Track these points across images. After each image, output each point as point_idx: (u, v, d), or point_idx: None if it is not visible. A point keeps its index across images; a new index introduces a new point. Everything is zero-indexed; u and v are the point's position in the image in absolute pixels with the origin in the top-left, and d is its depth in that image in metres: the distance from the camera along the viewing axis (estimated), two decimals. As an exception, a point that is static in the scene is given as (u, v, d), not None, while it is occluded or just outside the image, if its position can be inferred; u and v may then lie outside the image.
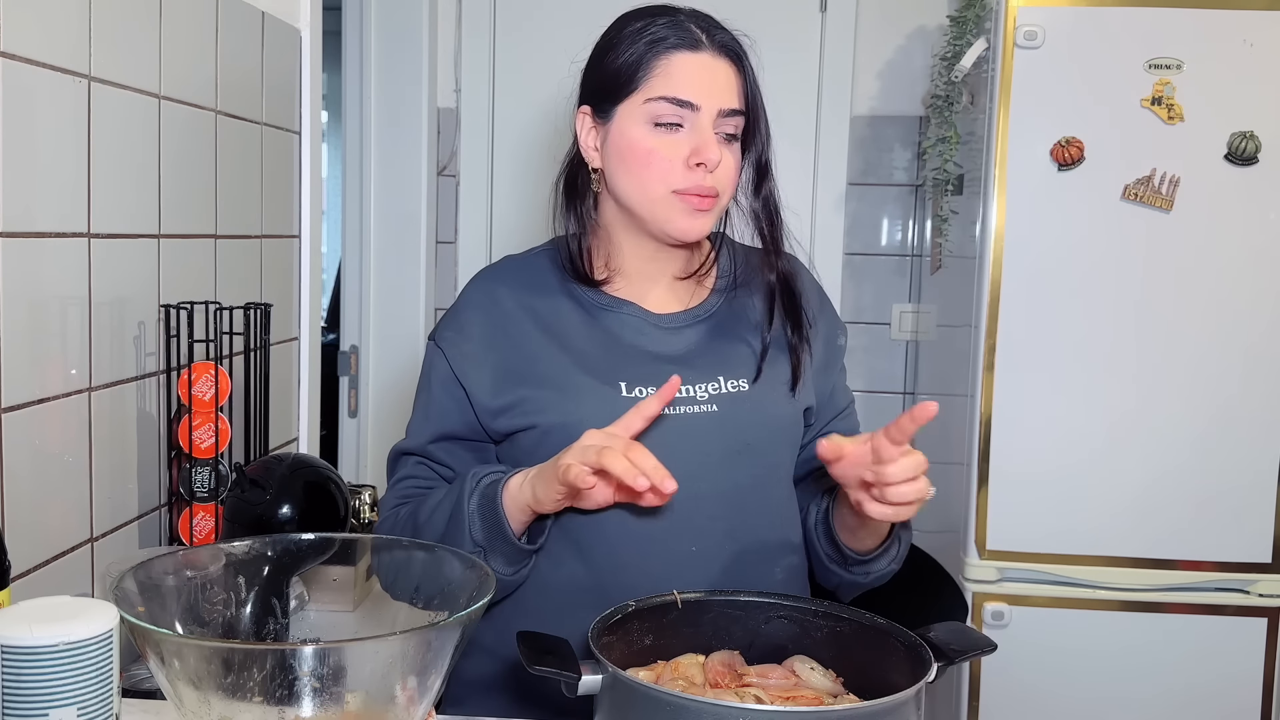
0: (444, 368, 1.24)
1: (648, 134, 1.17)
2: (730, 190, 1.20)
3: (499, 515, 1.12)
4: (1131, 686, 2.11)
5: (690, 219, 1.18)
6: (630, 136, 1.18)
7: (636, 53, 1.17)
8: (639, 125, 1.17)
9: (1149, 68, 2.02)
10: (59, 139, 1.26)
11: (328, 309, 3.39)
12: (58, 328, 1.28)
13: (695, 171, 1.16)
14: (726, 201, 1.21)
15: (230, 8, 1.66)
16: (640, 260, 1.25)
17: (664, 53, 1.16)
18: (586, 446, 1.04)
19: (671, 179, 1.16)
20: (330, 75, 2.65)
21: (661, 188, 1.17)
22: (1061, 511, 2.09)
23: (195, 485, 1.48)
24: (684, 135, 1.16)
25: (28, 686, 0.80)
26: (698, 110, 1.16)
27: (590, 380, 1.19)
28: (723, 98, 1.17)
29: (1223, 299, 2.05)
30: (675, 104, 1.15)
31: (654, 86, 1.16)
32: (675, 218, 1.18)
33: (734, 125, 1.18)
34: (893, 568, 1.25)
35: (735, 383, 1.22)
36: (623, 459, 1.01)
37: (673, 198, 1.17)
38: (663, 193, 1.17)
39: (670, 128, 1.16)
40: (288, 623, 1.00)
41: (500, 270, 1.30)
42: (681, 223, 1.18)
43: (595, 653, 0.91)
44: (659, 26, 1.17)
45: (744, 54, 1.20)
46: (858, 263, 2.76)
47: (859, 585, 1.25)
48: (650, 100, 1.16)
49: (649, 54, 1.16)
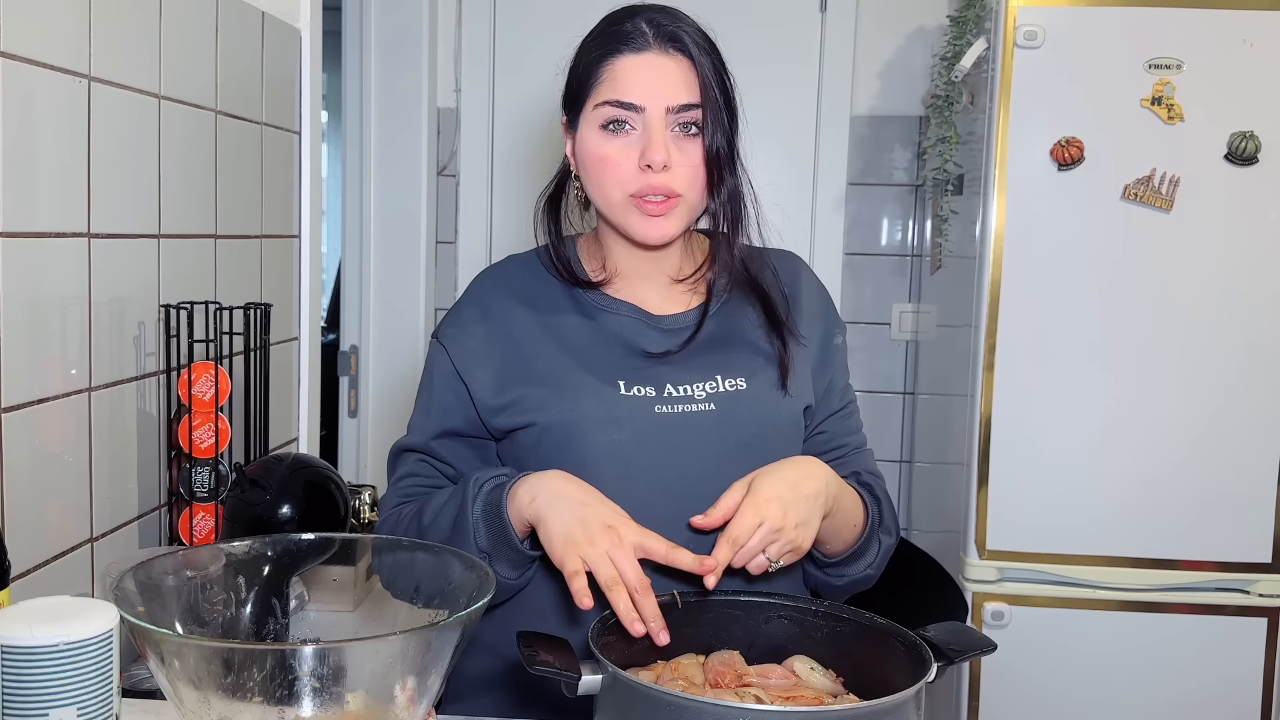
0: (446, 364, 1.24)
1: (600, 140, 1.17)
2: (695, 188, 1.18)
3: (504, 522, 1.12)
4: (1131, 686, 2.11)
5: (647, 223, 1.17)
6: (587, 144, 1.19)
7: (587, 61, 1.19)
8: (593, 132, 1.18)
9: (1149, 68, 2.02)
10: (59, 139, 1.26)
11: (328, 309, 3.39)
12: (58, 328, 1.28)
13: (645, 173, 1.15)
14: (695, 200, 1.19)
15: (230, 8, 1.66)
16: (633, 262, 1.26)
17: (609, 58, 1.17)
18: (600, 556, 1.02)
19: (625, 183, 1.16)
20: (330, 75, 2.66)
21: (618, 193, 1.17)
22: (1061, 511, 2.09)
23: (195, 485, 1.48)
24: (635, 138, 1.16)
25: (28, 686, 0.80)
26: (642, 111, 1.15)
27: (589, 378, 1.19)
28: (670, 94, 1.15)
29: (1222, 299, 2.05)
30: (619, 106, 1.15)
31: (601, 92, 1.17)
32: (633, 223, 1.18)
33: (690, 118, 1.16)
34: (870, 572, 1.24)
35: (733, 382, 1.22)
36: (626, 600, 0.99)
37: (629, 202, 1.17)
38: (620, 197, 1.17)
39: (620, 132, 1.16)
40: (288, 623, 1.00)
41: (503, 269, 1.31)
42: (639, 227, 1.18)
43: (595, 653, 0.91)
44: (610, 32, 1.18)
45: (700, 45, 1.18)
46: (858, 263, 2.76)
47: (835, 588, 1.25)
48: (598, 106, 1.17)
49: (596, 61, 1.18)
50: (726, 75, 1.19)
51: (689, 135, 1.17)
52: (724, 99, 1.18)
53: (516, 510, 1.12)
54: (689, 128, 1.17)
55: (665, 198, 1.16)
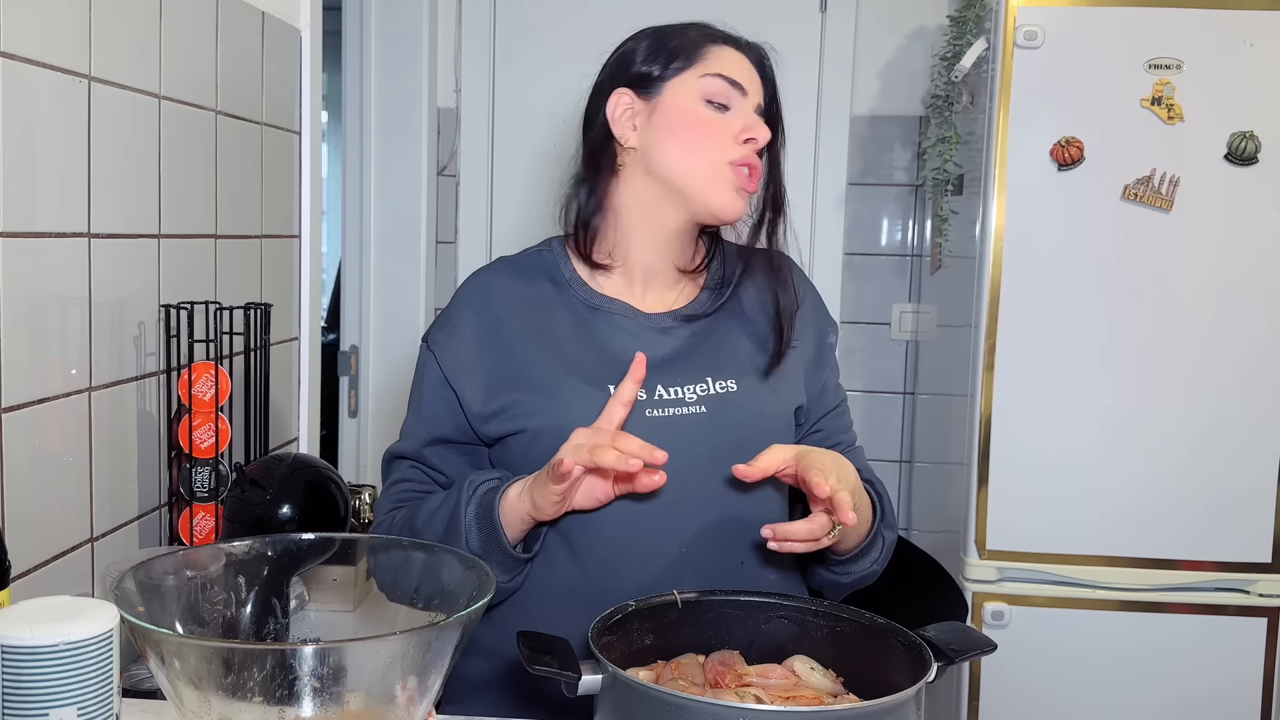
0: (435, 371, 1.24)
1: (703, 107, 1.21)
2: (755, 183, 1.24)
3: (495, 525, 1.12)
4: (1131, 686, 2.11)
5: (735, 196, 1.21)
6: (684, 107, 1.21)
7: (690, 38, 1.24)
8: (692, 99, 1.21)
9: (1149, 68, 2.02)
10: (59, 139, 1.26)
11: (328, 309, 3.39)
12: (58, 328, 1.28)
13: (746, 146, 1.21)
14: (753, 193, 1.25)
15: (230, 8, 1.66)
16: (647, 249, 1.26)
17: (716, 42, 1.24)
18: (578, 445, 1.06)
19: (725, 150, 1.20)
20: (330, 75, 2.65)
21: (716, 157, 1.20)
22: (1061, 511, 2.09)
23: (195, 485, 1.48)
24: (731, 116, 1.21)
25: (28, 686, 0.80)
26: (745, 95, 1.22)
27: (579, 384, 1.19)
28: (760, 94, 1.24)
29: (1222, 299, 2.05)
30: (729, 83, 1.21)
31: (709, 65, 1.22)
32: (723, 190, 1.21)
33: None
34: (875, 568, 1.24)
35: (724, 384, 1.22)
36: (611, 451, 1.03)
37: (726, 169, 1.20)
38: (716, 163, 1.20)
39: (720, 107, 1.21)
40: (288, 623, 1.00)
41: (493, 272, 1.30)
42: (726, 196, 1.21)
43: (595, 653, 0.91)
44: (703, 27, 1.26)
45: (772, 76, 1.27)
46: (858, 263, 2.76)
47: (840, 585, 1.25)
48: (706, 75, 1.21)
49: (703, 40, 1.24)
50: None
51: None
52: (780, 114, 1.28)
53: (509, 509, 1.12)
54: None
55: (754, 174, 1.22)
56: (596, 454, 1.03)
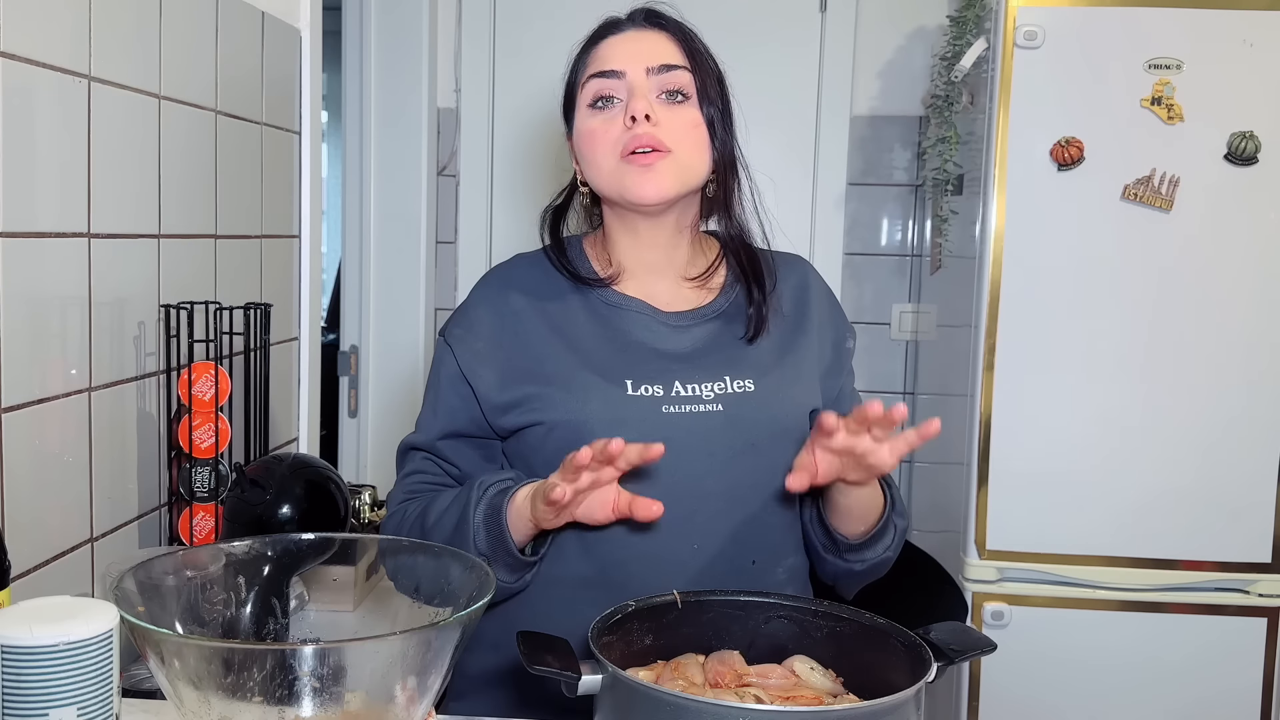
0: (452, 365, 1.25)
1: (589, 117, 1.22)
2: (685, 146, 1.20)
3: (502, 527, 1.12)
4: (1131, 686, 2.11)
5: (641, 178, 1.18)
6: (579, 129, 1.24)
7: (579, 56, 1.26)
8: (583, 115, 1.23)
9: (1149, 68, 2.02)
10: (59, 139, 1.26)
11: (328, 309, 3.39)
12: (58, 328, 1.28)
13: (631, 129, 1.18)
14: (687, 160, 1.20)
15: (230, 8, 1.66)
16: (641, 256, 1.27)
17: (590, 48, 1.24)
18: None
19: (613, 145, 1.20)
20: (330, 75, 2.65)
21: (609, 158, 1.20)
22: (1061, 511, 2.09)
23: (195, 485, 1.48)
24: (619, 108, 1.20)
25: (28, 686, 0.80)
26: (623, 76, 1.20)
27: (596, 379, 1.20)
28: (649, 57, 1.20)
29: (1222, 299, 2.05)
30: (601, 76, 1.21)
31: (586, 72, 1.23)
32: (628, 183, 1.19)
33: (674, 82, 1.20)
34: (888, 554, 1.24)
35: (741, 383, 1.23)
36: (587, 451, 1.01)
37: (621, 164, 1.19)
38: (611, 163, 1.20)
39: (606, 107, 1.21)
40: (288, 623, 1.00)
41: (511, 268, 1.32)
42: (633, 185, 1.19)
43: (595, 653, 0.91)
44: (589, 36, 1.26)
45: (682, 25, 1.24)
46: (858, 263, 2.76)
47: (854, 574, 1.25)
48: (584, 84, 1.22)
49: (583, 55, 1.25)
50: (712, 55, 1.25)
51: (676, 103, 1.20)
52: (714, 70, 1.23)
53: (516, 513, 1.12)
54: (675, 95, 1.20)
55: (652, 149, 1.18)
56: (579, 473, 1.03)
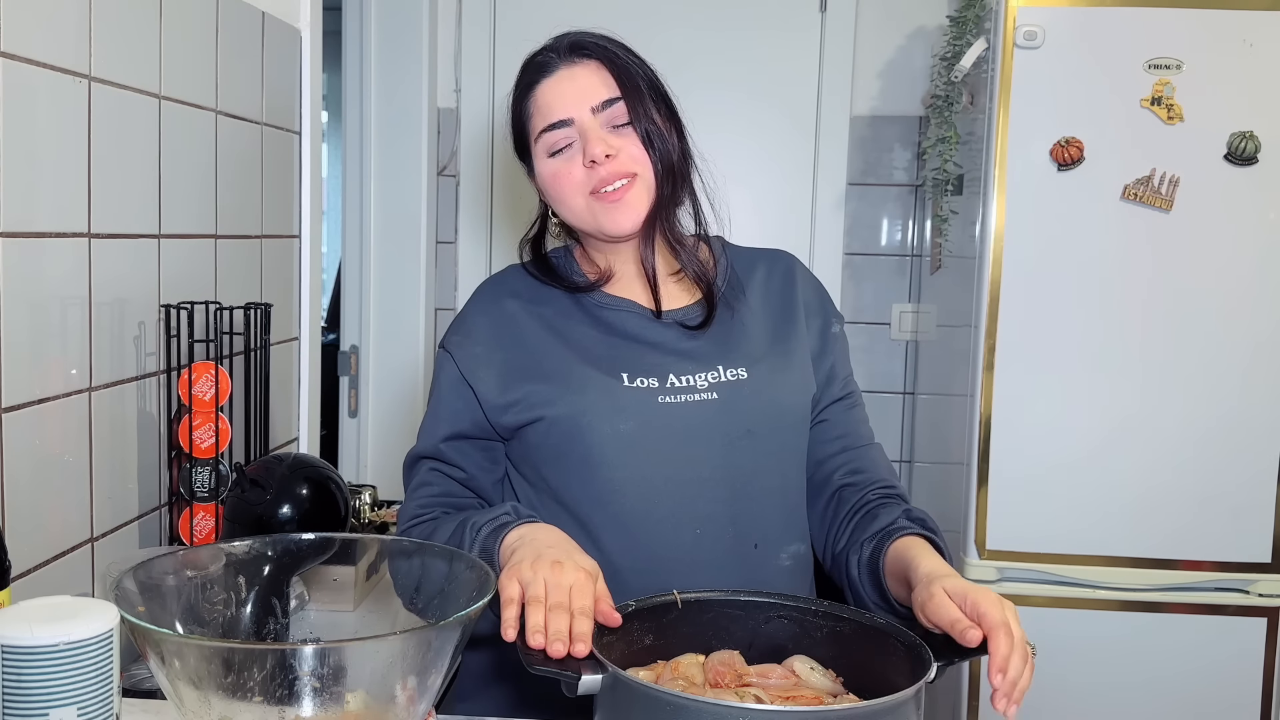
0: (453, 370, 1.27)
1: (550, 164, 1.24)
2: (647, 166, 1.22)
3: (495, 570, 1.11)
4: (1131, 686, 2.11)
5: (613, 212, 1.22)
6: (543, 174, 1.26)
7: (516, 107, 1.28)
8: (543, 162, 1.25)
9: (1149, 68, 2.02)
10: (59, 139, 1.26)
11: (328, 309, 3.39)
12: (58, 328, 1.28)
13: (593, 170, 1.21)
14: (652, 179, 1.23)
15: (230, 8, 1.66)
16: (628, 262, 1.29)
17: (529, 91, 1.26)
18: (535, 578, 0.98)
19: (579, 186, 1.23)
20: (330, 75, 2.65)
21: (578, 199, 1.23)
22: (1061, 511, 2.09)
23: (195, 485, 1.48)
24: (577, 148, 1.22)
25: (28, 686, 0.80)
26: (571, 123, 1.22)
27: (593, 372, 1.22)
28: (590, 96, 1.22)
29: (1222, 299, 2.05)
30: (551, 129, 1.22)
31: (535, 125, 1.25)
32: (603, 220, 1.23)
33: (617, 115, 1.22)
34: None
35: (735, 371, 1.24)
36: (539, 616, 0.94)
37: (591, 201, 1.22)
38: (581, 203, 1.23)
39: (564, 151, 1.23)
40: (288, 623, 1.00)
41: (504, 277, 1.34)
42: (608, 220, 1.22)
43: (595, 653, 0.91)
44: (522, 75, 1.27)
45: (607, 45, 1.24)
46: (858, 262, 2.76)
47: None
48: (537, 139, 1.24)
49: (521, 99, 1.27)
50: (643, 64, 1.25)
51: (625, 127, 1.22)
52: (645, 82, 1.24)
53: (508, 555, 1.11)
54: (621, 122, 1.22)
55: (622, 180, 1.21)
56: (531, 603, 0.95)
